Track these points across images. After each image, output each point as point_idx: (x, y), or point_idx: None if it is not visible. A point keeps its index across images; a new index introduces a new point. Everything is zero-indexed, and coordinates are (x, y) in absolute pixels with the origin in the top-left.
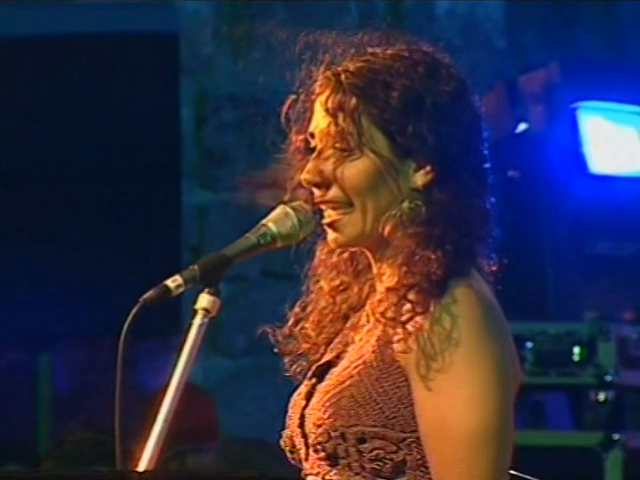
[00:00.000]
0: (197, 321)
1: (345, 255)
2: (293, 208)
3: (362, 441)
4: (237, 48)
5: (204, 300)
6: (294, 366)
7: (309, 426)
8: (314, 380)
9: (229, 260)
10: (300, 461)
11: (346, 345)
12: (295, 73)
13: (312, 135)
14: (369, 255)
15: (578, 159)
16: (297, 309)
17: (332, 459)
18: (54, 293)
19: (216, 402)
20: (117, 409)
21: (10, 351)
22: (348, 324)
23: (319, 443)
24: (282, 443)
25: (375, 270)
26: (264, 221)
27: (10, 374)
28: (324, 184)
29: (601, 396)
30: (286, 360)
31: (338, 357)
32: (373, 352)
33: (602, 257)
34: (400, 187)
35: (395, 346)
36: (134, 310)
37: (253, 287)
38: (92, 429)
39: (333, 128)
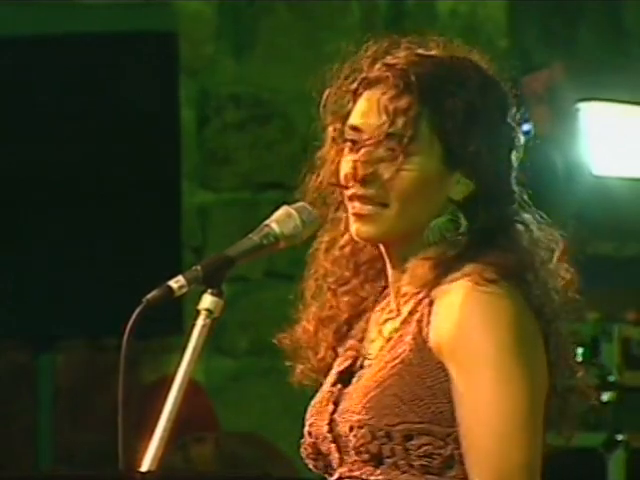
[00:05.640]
0: (200, 322)
1: (347, 249)
2: (296, 209)
3: (409, 438)
4: (239, 48)
5: (207, 301)
6: (299, 371)
7: (344, 430)
8: (339, 386)
9: (232, 261)
10: (326, 467)
11: (361, 347)
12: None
13: (355, 128)
14: (383, 251)
15: (581, 160)
16: (299, 307)
17: (376, 459)
18: (55, 293)
19: (219, 402)
20: (119, 409)
21: (11, 351)
22: (356, 328)
23: (362, 445)
24: (303, 451)
25: (393, 267)
26: (267, 221)
27: (11, 374)
28: (370, 182)
29: (604, 397)
30: (290, 363)
31: (357, 360)
32: (411, 350)
33: (605, 258)
34: (440, 197)
35: (435, 342)
36: (137, 310)
37: (256, 287)
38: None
39: (390, 128)
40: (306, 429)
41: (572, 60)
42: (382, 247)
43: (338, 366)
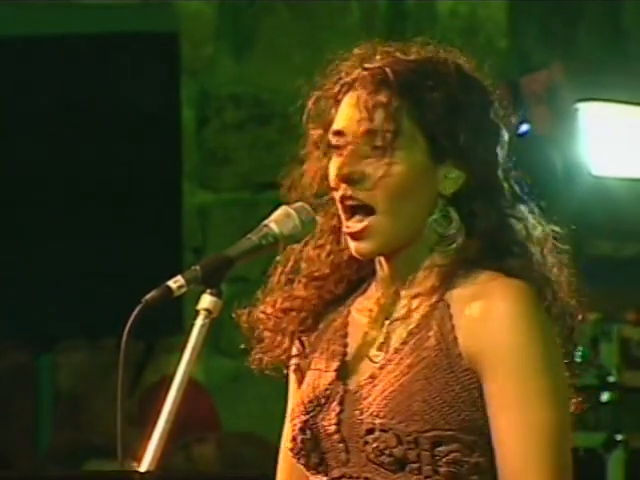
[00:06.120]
0: (199, 322)
1: (324, 249)
2: (295, 209)
3: (437, 445)
4: (239, 48)
5: (206, 301)
6: (260, 357)
7: (359, 431)
8: (341, 385)
9: (231, 261)
10: (318, 465)
11: (345, 343)
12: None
13: (339, 132)
14: (383, 260)
15: (580, 160)
16: (266, 295)
17: (399, 464)
18: (55, 293)
19: (218, 402)
20: (118, 409)
21: (11, 351)
22: (329, 323)
23: (385, 448)
24: (293, 447)
25: (393, 273)
26: (266, 222)
27: (11, 374)
28: (357, 181)
29: (603, 397)
30: (245, 345)
31: (345, 356)
32: (437, 355)
33: (604, 258)
34: (430, 192)
35: (469, 349)
36: (136, 311)
37: (255, 288)
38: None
39: (370, 123)
40: (298, 425)
41: (571, 60)
42: (382, 257)
43: (329, 360)
